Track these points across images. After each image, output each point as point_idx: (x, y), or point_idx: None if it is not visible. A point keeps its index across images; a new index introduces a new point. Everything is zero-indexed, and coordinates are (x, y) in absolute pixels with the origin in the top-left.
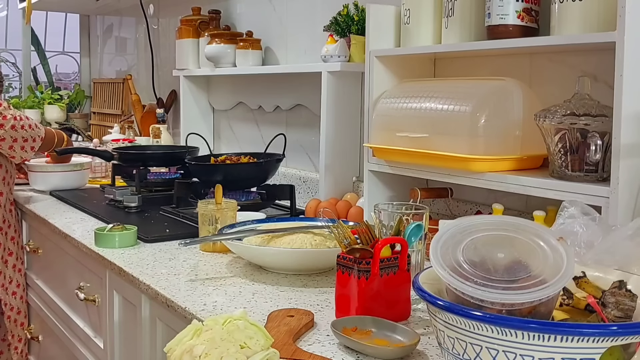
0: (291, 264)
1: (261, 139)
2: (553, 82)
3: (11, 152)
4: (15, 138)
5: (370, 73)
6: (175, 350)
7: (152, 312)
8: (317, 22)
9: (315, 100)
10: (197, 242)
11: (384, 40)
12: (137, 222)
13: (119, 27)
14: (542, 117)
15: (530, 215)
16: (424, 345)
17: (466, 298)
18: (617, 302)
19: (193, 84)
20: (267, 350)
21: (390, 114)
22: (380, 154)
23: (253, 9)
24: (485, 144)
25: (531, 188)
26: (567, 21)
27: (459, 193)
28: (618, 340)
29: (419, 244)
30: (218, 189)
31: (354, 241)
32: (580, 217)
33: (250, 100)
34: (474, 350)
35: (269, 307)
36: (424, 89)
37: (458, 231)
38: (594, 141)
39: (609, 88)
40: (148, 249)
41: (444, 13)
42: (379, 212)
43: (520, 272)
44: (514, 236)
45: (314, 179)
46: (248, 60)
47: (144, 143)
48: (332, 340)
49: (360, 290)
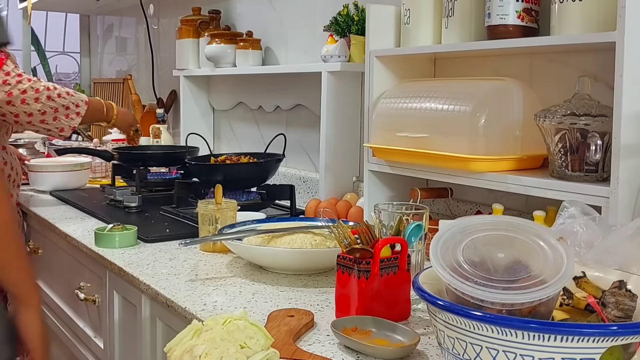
0: (291, 264)
1: (261, 139)
2: (553, 82)
3: (57, 123)
4: (55, 108)
5: (370, 73)
6: (175, 350)
7: (152, 312)
8: (317, 22)
9: (315, 100)
10: (197, 242)
11: (384, 40)
12: (137, 222)
13: (119, 27)
14: (542, 117)
15: (530, 215)
16: (424, 345)
17: (466, 298)
18: (617, 302)
19: (193, 84)
20: (267, 350)
21: (390, 114)
22: (380, 154)
23: (253, 9)
24: (485, 144)
25: (531, 188)
26: (567, 21)
27: (459, 193)
28: (618, 340)
29: (419, 244)
30: (218, 189)
31: (354, 241)
32: (580, 217)
33: (250, 100)
34: (474, 350)
35: (269, 307)
36: (424, 89)
37: (458, 231)
38: (594, 141)
39: (609, 88)
40: (148, 249)
41: (444, 13)
42: (379, 212)
43: (521, 272)
44: (514, 236)
45: (314, 179)
46: (248, 60)
47: (144, 143)
48: (332, 340)
49: (360, 290)
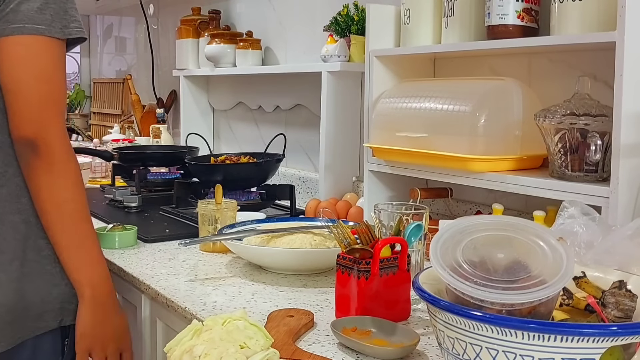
0: (291, 264)
1: (261, 139)
2: (553, 82)
3: None
4: None
5: (370, 73)
6: (175, 350)
7: (152, 312)
8: (317, 22)
9: (315, 100)
10: (197, 242)
11: (384, 40)
12: (137, 222)
13: (118, 27)
14: (542, 117)
15: (530, 215)
16: (424, 345)
17: (466, 298)
18: (617, 302)
19: (193, 84)
20: (266, 350)
21: (390, 113)
22: (380, 154)
23: (253, 9)
24: (485, 144)
25: (531, 188)
26: (567, 21)
27: (458, 193)
28: (618, 341)
29: (419, 244)
30: (218, 189)
31: (353, 241)
32: (580, 217)
33: (250, 100)
34: (473, 351)
35: (268, 307)
36: (424, 89)
37: (458, 231)
38: (594, 141)
39: (609, 88)
40: (148, 249)
41: (444, 13)
42: (379, 212)
43: (520, 272)
44: (513, 236)
45: (314, 179)
46: (248, 60)
47: (144, 143)
48: (332, 340)
49: (360, 290)
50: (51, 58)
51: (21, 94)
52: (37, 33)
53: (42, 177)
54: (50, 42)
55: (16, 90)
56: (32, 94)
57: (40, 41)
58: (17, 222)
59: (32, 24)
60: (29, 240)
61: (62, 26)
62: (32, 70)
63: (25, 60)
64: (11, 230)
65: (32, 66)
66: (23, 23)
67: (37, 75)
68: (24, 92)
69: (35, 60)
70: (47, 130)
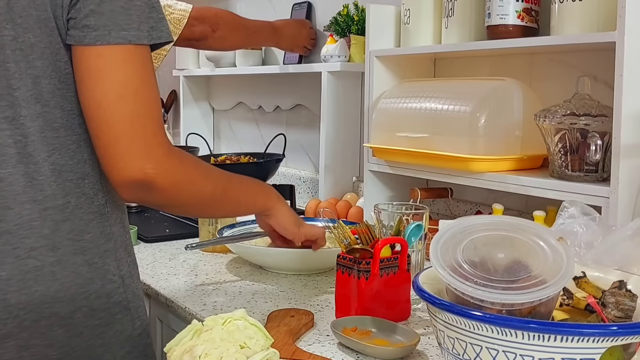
0: (291, 264)
1: (261, 139)
2: (553, 82)
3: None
4: None
5: (370, 73)
6: (175, 350)
7: (152, 312)
8: (317, 22)
9: (315, 100)
10: (202, 245)
11: (384, 40)
12: (137, 222)
13: None
14: (542, 117)
15: (530, 215)
16: (424, 345)
17: (466, 298)
18: (617, 302)
19: (193, 84)
20: (267, 351)
21: (390, 114)
22: (380, 154)
23: (253, 9)
24: (485, 144)
25: (531, 188)
26: (567, 21)
27: (459, 193)
28: (618, 340)
29: (419, 244)
30: None
31: (354, 241)
32: (580, 217)
33: (250, 100)
34: (474, 351)
35: (269, 307)
36: (424, 89)
37: (458, 231)
38: (594, 141)
39: (609, 88)
40: (148, 249)
41: (444, 13)
42: (379, 212)
43: (520, 272)
44: (513, 236)
45: (314, 179)
46: (248, 60)
47: None
48: (332, 341)
49: (360, 290)
50: (140, 67)
51: (110, 125)
52: (124, 42)
53: (172, 207)
54: (136, 50)
55: (102, 118)
56: (124, 122)
57: (125, 51)
58: (80, 264)
59: (119, 30)
60: (94, 284)
61: (149, 27)
62: (117, 89)
63: (110, 77)
64: (72, 275)
65: (117, 83)
66: (107, 29)
67: (122, 94)
68: (113, 123)
69: (121, 75)
70: (154, 162)
